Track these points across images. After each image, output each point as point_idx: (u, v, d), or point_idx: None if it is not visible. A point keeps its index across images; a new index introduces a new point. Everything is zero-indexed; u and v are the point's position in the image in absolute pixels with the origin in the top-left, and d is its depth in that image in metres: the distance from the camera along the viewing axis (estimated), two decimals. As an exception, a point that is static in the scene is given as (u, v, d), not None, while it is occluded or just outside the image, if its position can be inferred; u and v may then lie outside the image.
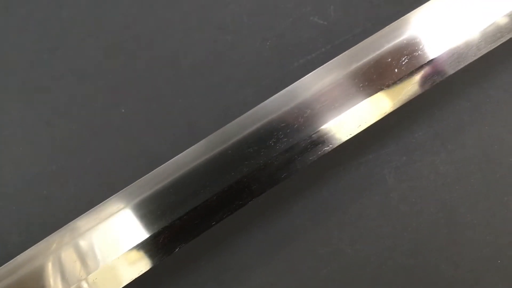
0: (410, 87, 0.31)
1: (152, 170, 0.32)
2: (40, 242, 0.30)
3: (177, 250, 0.29)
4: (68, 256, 0.29)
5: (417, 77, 0.31)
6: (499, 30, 0.32)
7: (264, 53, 0.39)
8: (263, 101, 0.33)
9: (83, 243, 0.29)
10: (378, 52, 0.31)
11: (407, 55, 0.31)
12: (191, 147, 0.30)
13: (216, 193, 0.29)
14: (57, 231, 0.30)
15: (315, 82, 0.30)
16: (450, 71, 0.32)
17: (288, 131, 0.29)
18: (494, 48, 0.33)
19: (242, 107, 0.37)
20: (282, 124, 0.29)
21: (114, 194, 0.32)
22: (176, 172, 0.29)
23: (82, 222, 0.29)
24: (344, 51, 0.34)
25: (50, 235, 0.30)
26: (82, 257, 0.28)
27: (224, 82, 0.38)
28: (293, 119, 0.29)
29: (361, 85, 0.30)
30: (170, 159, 0.32)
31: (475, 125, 0.36)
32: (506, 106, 0.36)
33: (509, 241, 0.35)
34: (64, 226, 0.30)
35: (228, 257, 0.35)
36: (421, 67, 0.31)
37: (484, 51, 0.33)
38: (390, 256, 0.35)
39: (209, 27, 0.39)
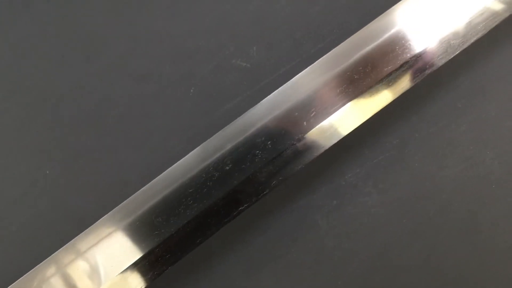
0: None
1: (79, 233, 0.31)
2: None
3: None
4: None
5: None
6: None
7: (189, 101, 0.37)
8: (190, 151, 0.32)
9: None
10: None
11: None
12: (90, 227, 0.29)
13: (128, 267, 0.28)
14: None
15: (221, 143, 0.29)
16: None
17: (197, 196, 0.28)
18: (421, 80, 0.32)
19: (169, 159, 0.36)
20: (190, 190, 0.28)
21: (41, 261, 0.31)
22: (83, 251, 0.28)
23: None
24: (270, 93, 0.33)
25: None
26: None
27: (149, 135, 0.37)
28: (201, 184, 0.28)
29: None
30: (98, 219, 0.31)
31: (405, 162, 0.35)
32: (436, 140, 0.35)
33: (445, 283, 0.34)
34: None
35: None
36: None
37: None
38: (325, 306, 0.34)
39: (131, 78, 0.38)
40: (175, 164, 0.29)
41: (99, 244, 0.28)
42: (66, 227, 0.35)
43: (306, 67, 0.33)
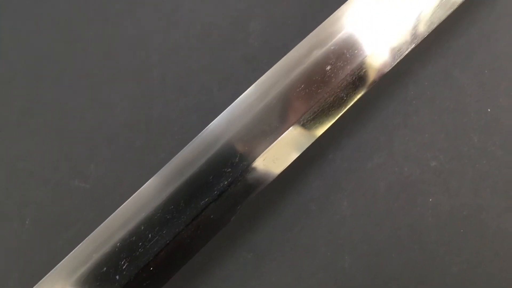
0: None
1: None
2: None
3: None
4: None
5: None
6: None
7: (24, 234, 0.34)
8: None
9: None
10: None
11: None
12: None
13: None
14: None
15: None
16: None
17: None
18: (268, 185, 0.29)
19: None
20: None
21: None
22: None
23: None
24: (111, 213, 0.30)
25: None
26: None
27: (-18, 278, 0.33)
28: None
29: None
30: None
31: (262, 277, 0.32)
32: (292, 248, 0.32)
33: None
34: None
35: None
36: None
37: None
38: None
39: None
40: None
41: None
42: None
43: (149, 179, 0.30)
